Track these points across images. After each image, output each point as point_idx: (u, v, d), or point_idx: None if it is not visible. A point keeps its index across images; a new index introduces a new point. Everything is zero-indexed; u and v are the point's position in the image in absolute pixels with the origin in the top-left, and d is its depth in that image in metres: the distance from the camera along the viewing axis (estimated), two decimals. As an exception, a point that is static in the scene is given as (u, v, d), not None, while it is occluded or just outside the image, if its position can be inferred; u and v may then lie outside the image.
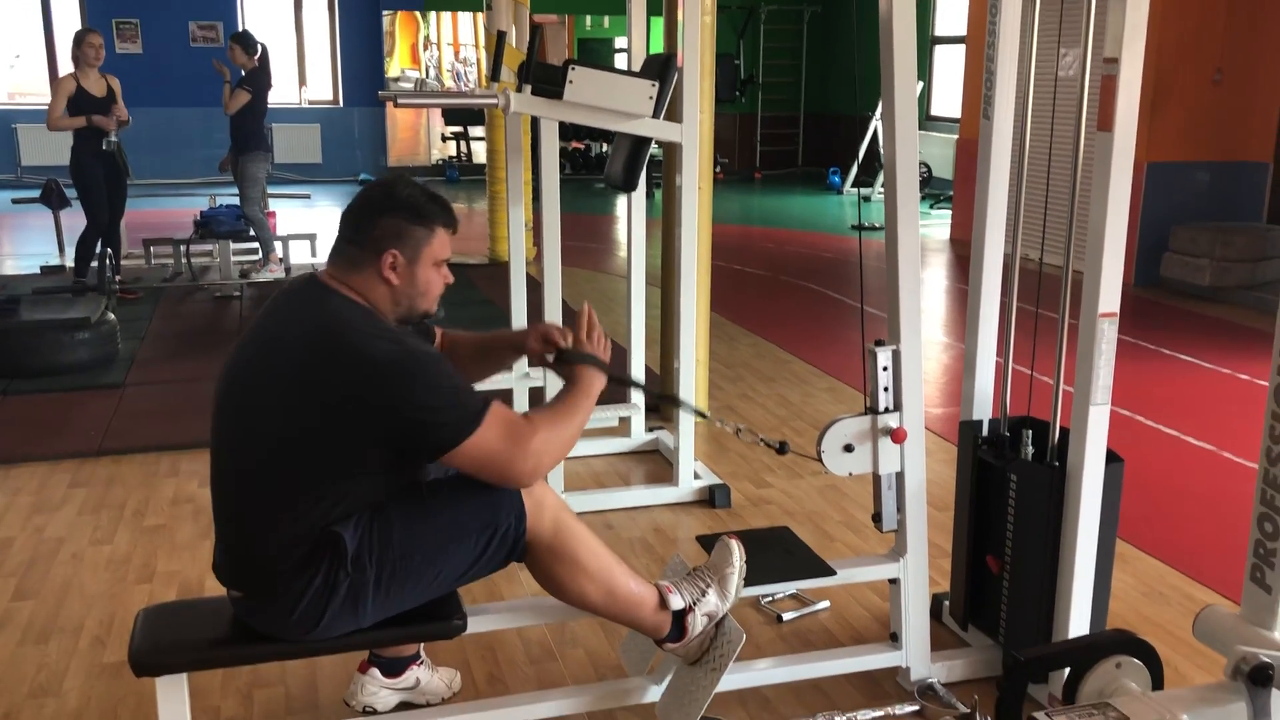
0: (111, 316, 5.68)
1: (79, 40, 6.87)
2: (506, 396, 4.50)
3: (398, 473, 2.11)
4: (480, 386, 4.57)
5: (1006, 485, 2.63)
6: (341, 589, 2.04)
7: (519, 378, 4.45)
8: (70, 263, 8.08)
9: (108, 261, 6.75)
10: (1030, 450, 2.60)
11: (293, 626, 2.07)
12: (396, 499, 2.11)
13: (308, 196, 10.30)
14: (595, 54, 16.26)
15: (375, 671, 2.55)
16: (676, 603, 2.34)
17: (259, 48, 7.56)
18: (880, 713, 2.56)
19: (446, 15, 18.04)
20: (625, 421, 4.43)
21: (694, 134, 3.61)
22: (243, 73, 7.54)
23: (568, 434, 2.15)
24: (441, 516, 2.11)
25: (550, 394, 3.81)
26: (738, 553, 2.44)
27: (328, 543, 2.03)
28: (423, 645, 2.64)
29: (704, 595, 2.37)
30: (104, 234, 7.03)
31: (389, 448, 2.04)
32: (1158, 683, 1.87)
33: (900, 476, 2.54)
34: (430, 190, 2.16)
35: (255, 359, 2.08)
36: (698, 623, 2.35)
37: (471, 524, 2.11)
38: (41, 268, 7.96)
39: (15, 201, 9.58)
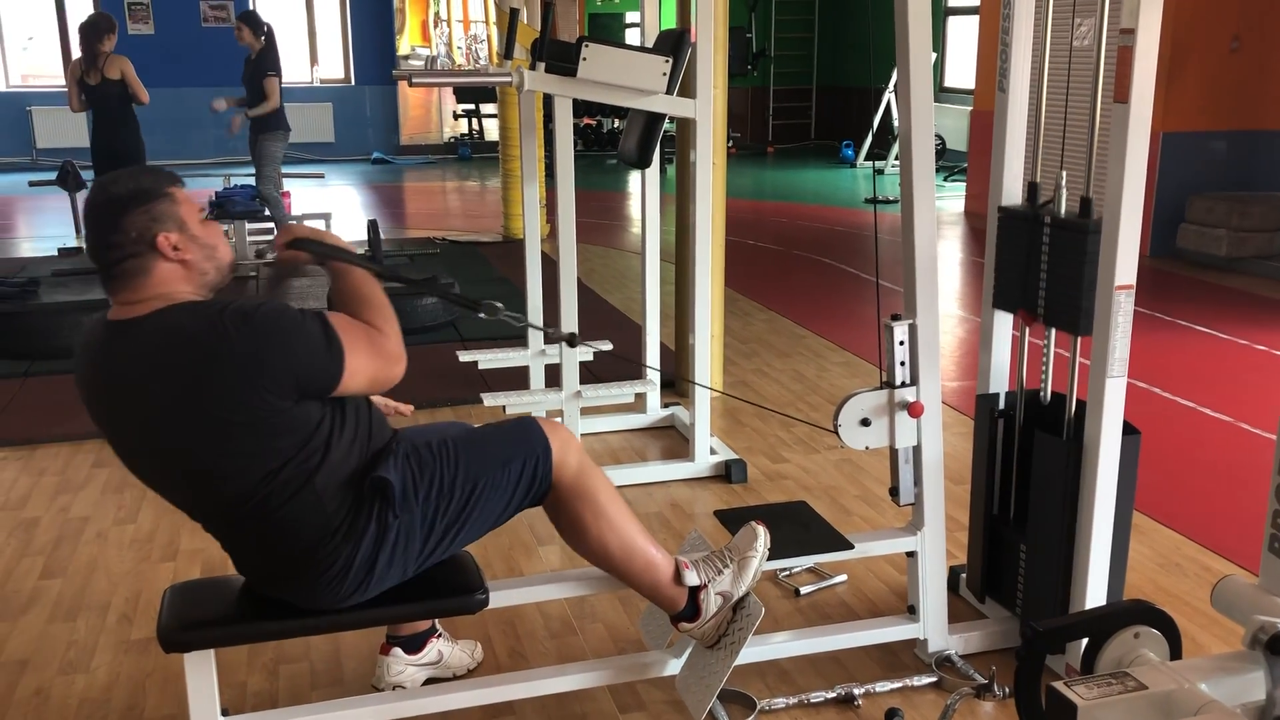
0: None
1: (114, 28, 7.02)
2: (522, 374, 4.52)
3: (345, 419, 2.08)
4: (489, 366, 4.59)
5: (1024, 458, 2.64)
6: (392, 533, 2.08)
7: (534, 355, 4.47)
8: (85, 244, 8.12)
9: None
10: (1047, 423, 2.61)
11: (346, 590, 2.09)
12: (427, 443, 2.17)
13: (321, 176, 10.32)
14: (606, 29, 16.20)
15: (398, 651, 2.59)
16: (691, 579, 2.35)
17: (265, 27, 7.58)
18: (898, 684, 2.58)
19: (457, -8, 17.99)
20: (641, 398, 4.44)
21: (708, 109, 3.61)
22: (252, 55, 7.55)
23: (394, 318, 2.16)
24: (474, 453, 2.18)
25: (566, 370, 3.82)
26: (762, 538, 2.45)
27: (374, 490, 2.06)
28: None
29: (720, 574, 2.39)
30: None
31: (304, 398, 1.99)
32: (1175, 652, 1.88)
33: (917, 450, 2.55)
34: (136, 170, 2.06)
35: (149, 413, 1.96)
36: (711, 602, 2.36)
37: (502, 457, 2.18)
38: (59, 249, 8.00)
39: (31, 184, 9.63)
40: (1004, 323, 2.77)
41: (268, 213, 7.76)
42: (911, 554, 2.64)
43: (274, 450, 1.98)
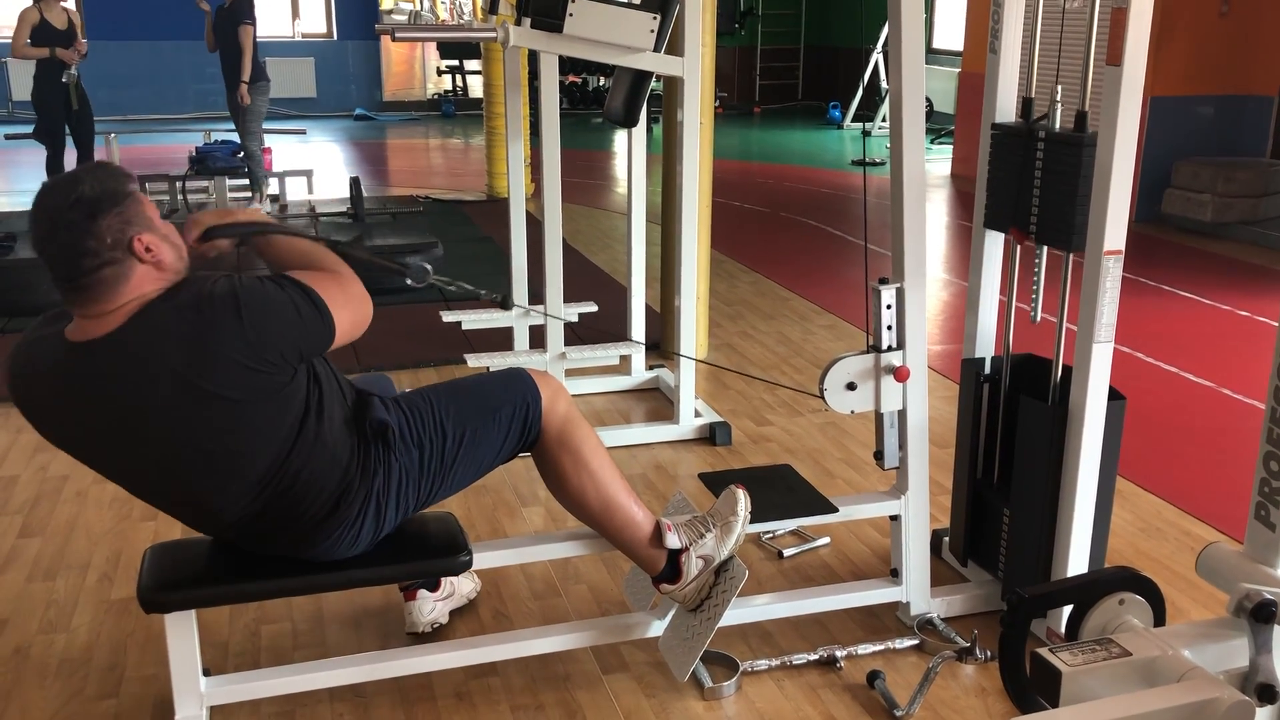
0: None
1: None
2: (506, 335, 4.49)
3: (317, 369, 2.07)
4: (473, 326, 4.54)
5: (1009, 423, 2.63)
6: (396, 474, 2.12)
7: (519, 315, 4.44)
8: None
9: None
10: (1033, 388, 2.60)
11: (363, 537, 2.13)
12: (414, 390, 2.25)
13: (303, 132, 10.21)
14: (592, -15, 16.00)
15: (424, 593, 2.63)
16: (673, 541, 2.35)
17: None
18: (880, 646, 2.59)
19: (440, -55, 17.70)
20: (626, 360, 4.42)
21: (695, 68, 3.56)
22: (226, 4, 7.40)
23: (339, 259, 2.14)
24: (464, 399, 2.23)
25: (550, 331, 3.80)
26: (743, 502, 2.45)
27: (375, 434, 2.10)
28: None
29: (702, 539, 2.39)
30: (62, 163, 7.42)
31: (303, 363, 1.99)
32: (1160, 619, 1.88)
33: (902, 414, 2.55)
34: (95, 168, 1.94)
35: (151, 422, 1.92)
36: (692, 565, 2.37)
37: (492, 404, 2.23)
38: (35, 205, 7.90)
39: (8, 137, 9.48)
40: (990, 286, 2.75)
41: (247, 169, 7.67)
42: (895, 517, 2.64)
43: (285, 418, 1.98)
